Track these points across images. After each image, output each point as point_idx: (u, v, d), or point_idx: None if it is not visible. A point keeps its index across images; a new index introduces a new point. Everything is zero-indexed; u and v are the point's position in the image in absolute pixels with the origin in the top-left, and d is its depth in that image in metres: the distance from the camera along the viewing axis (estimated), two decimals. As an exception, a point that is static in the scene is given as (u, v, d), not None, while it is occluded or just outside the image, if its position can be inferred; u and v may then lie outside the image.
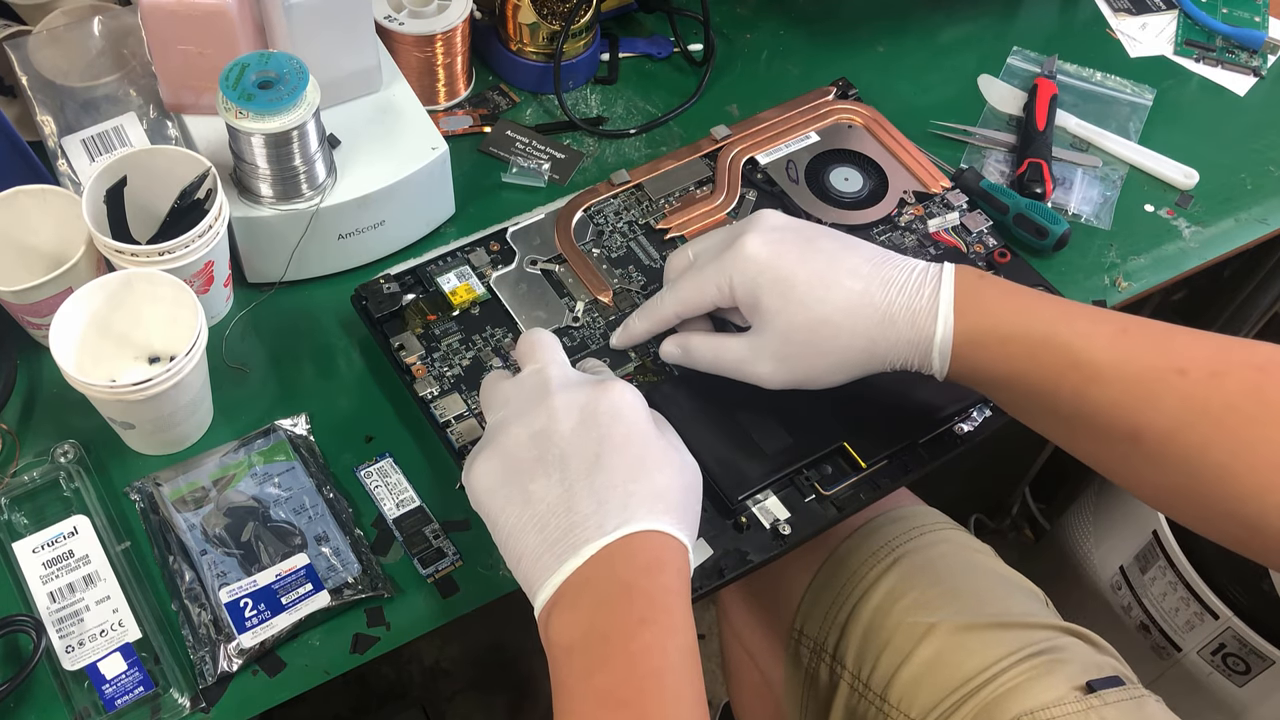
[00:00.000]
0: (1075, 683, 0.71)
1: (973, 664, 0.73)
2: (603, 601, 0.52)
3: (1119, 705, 0.70)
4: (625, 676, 0.51)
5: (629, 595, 0.52)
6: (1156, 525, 1.10)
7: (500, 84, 0.92)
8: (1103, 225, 0.86)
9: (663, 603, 0.52)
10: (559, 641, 0.52)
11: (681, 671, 0.52)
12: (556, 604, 0.53)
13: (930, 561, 0.79)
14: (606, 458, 0.55)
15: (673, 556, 0.54)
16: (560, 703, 0.52)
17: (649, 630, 0.51)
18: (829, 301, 0.61)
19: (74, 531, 0.66)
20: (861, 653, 0.77)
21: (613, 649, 0.51)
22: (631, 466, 0.55)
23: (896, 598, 0.77)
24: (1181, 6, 1.01)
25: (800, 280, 0.62)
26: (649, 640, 0.51)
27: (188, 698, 0.61)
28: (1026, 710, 0.69)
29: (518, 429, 0.56)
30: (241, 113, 0.68)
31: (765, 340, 0.64)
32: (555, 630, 0.52)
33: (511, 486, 0.55)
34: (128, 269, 0.67)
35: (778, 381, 0.65)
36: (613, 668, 0.51)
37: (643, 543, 0.53)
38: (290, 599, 0.64)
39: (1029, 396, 0.60)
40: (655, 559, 0.53)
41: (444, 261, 0.77)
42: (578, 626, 0.52)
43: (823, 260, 0.62)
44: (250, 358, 0.75)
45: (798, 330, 0.62)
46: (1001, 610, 0.77)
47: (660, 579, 0.53)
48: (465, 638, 1.45)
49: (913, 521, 0.82)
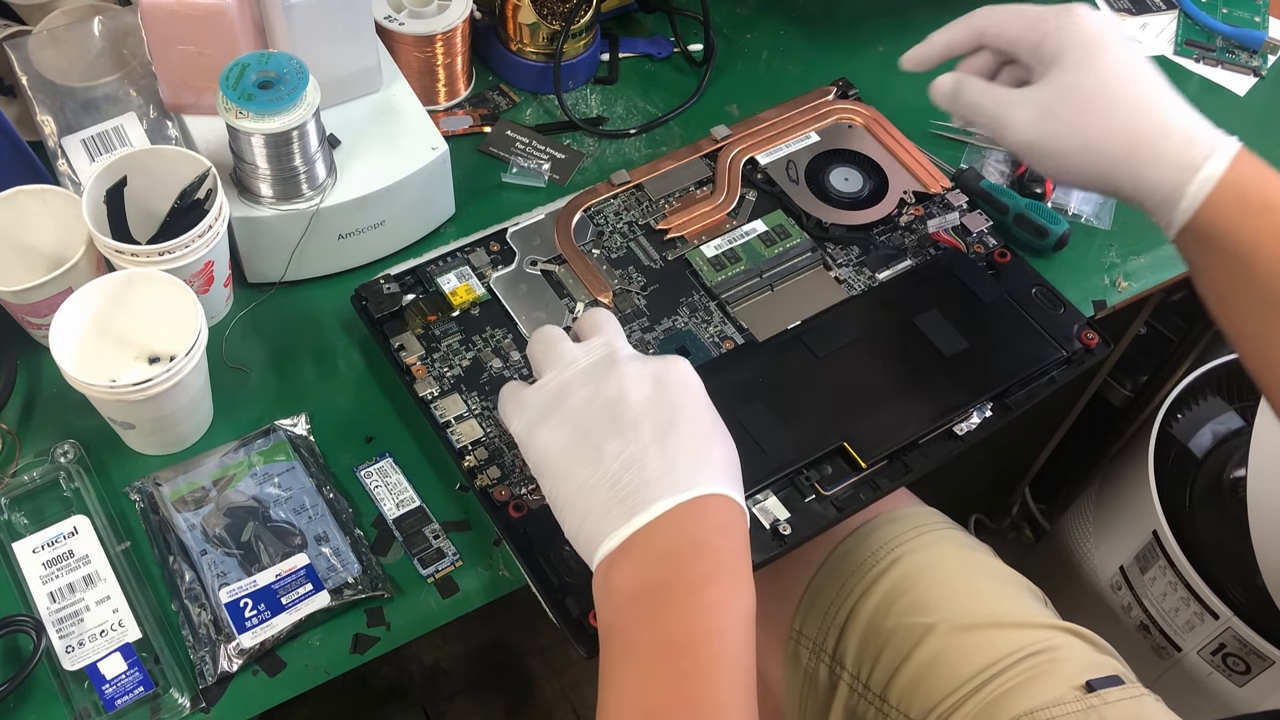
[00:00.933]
0: (1075, 682, 0.71)
1: (972, 664, 0.73)
2: (671, 555, 0.52)
3: (1119, 705, 0.70)
4: (688, 627, 0.51)
5: (697, 552, 0.52)
6: (1156, 525, 1.10)
7: (500, 84, 0.92)
8: (1103, 225, 0.86)
9: (730, 564, 0.53)
10: (623, 589, 0.52)
11: (741, 633, 0.52)
12: (623, 554, 0.53)
13: (929, 562, 0.79)
14: (680, 424, 0.55)
15: (738, 522, 0.55)
16: (615, 646, 0.52)
17: (715, 588, 0.52)
18: (1127, 84, 0.61)
19: (74, 531, 0.66)
20: (861, 653, 0.77)
21: (677, 599, 0.51)
22: (702, 435, 0.56)
23: (895, 598, 0.77)
24: (1181, 6, 1.01)
25: (1111, 56, 0.62)
26: (715, 597, 0.52)
27: (188, 698, 0.61)
28: (1027, 710, 0.69)
29: (588, 391, 0.57)
30: (241, 113, 0.68)
31: (1041, 90, 0.63)
32: (620, 578, 0.53)
33: (585, 445, 0.55)
34: (128, 269, 0.67)
35: (1025, 135, 0.64)
36: (677, 617, 0.51)
37: (713, 505, 0.54)
38: (290, 599, 0.64)
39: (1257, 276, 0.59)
40: (724, 521, 0.54)
41: (444, 262, 0.77)
42: (644, 576, 0.52)
43: (1139, 58, 0.63)
44: (250, 358, 0.75)
45: (1080, 92, 0.62)
46: (1001, 610, 0.76)
47: (728, 540, 0.54)
48: (465, 638, 1.45)
49: (912, 521, 0.82)
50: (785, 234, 0.79)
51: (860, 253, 0.79)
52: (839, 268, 0.79)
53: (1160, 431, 1.14)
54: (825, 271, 0.78)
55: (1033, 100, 0.63)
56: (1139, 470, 1.13)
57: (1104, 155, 0.62)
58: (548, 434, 0.57)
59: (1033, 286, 0.77)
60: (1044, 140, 0.63)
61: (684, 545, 0.52)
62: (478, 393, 0.71)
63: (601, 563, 0.54)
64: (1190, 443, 1.14)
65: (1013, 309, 0.75)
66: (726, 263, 0.78)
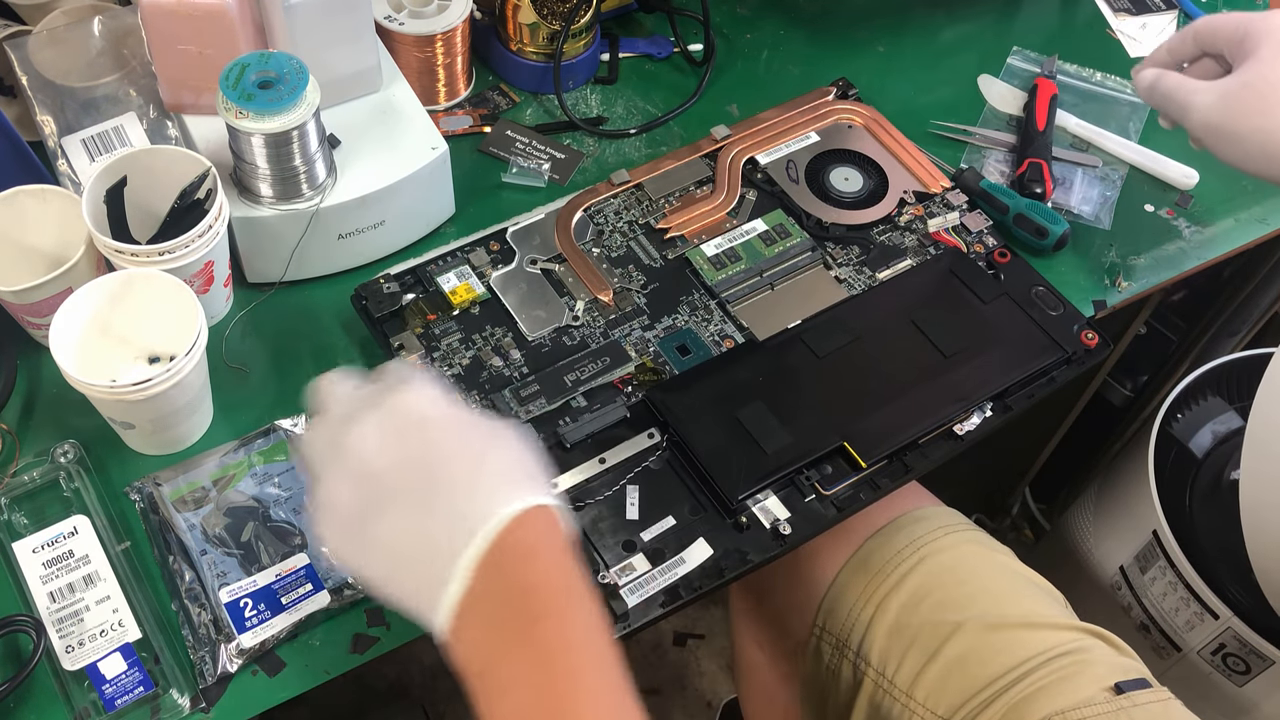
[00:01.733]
0: (1104, 684, 0.71)
1: (1001, 663, 0.73)
2: (493, 614, 0.49)
3: (1147, 708, 0.70)
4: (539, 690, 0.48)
5: (518, 600, 0.49)
6: (1156, 525, 1.10)
7: (500, 84, 0.92)
8: (1103, 225, 0.86)
9: (549, 585, 0.50)
10: (466, 668, 0.50)
11: (593, 653, 0.49)
12: (453, 632, 0.50)
13: (956, 562, 0.80)
14: (439, 470, 0.51)
15: (542, 530, 0.51)
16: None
17: (547, 626, 0.49)
18: None
19: (74, 531, 0.66)
20: (887, 650, 0.77)
21: (516, 660, 0.49)
22: (469, 461, 0.51)
23: (922, 596, 0.77)
24: (1181, 6, 1.01)
25: None
26: (549, 635, 0.49)
27: (188, 698, 0.61)
28: (1057, 710, 0.70)
29: (336, 486, 0.52)
30: (241, 113, 0.68)
31: (1228, 80, 0.70)
32: (461, 658, 0.50)
33: (361, 540, 0.51)
34: (128, 269, 0.67)
35: (1204, 117, 0.70)
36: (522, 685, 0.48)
37: (511, 535, 0.50)
38: (290, 599, 0.64)
39: None
40: (527, 547, 0.50)
41: (444, 261, 0.77)
42: (478, 646, 0.49)
43: None
44: (250, 358, 0.75)
45: (1263, 81, 0.68)
46: (1027, 611, 0.77)
47: (539, 563, 0.50)
48: (465, 638, 1.45)
49: (936, 521, 0.82)
50: (785, 233, 0.79)
51: (860, 252, 0.79)
52: (839, 267, 0.79)
53: (1160, 431, 1.14)
54: (825, 271, 0.78)
55: (1217, 88, 0.70)
56: (1139, 470, 1.13)
57: (1273, 140, 0.68)
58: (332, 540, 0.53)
59: (1033, 286, 0.77)
60: (1222, 124, 0.69)
61: (501, 596, 0.49)
62: (478, 391, 0.71)
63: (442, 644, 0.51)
64: (1190, 443, 1.14)
65: (1013, 309, 0.75)
66: (727, 262, 0.78)
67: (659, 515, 0.66)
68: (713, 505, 0.66)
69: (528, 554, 0.50)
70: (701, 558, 0.65)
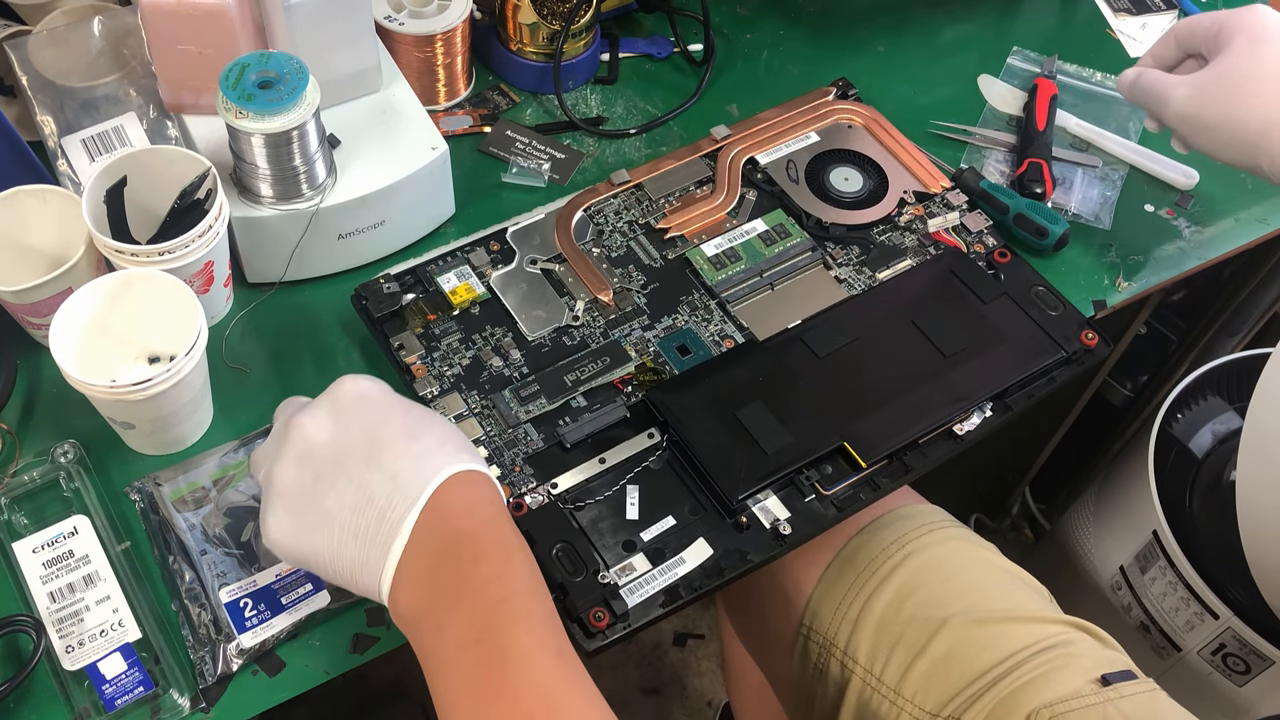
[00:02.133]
0: (1090, 676, 0.71)
1: (988, 658, 0.73)
2: (433, 563, 0.52)
3: (1134, 699, 0.70)
4: (473, 615, 0.51)
5: (454, 546, 0.52)
6: (1156, 525, 1.10)
7: (500, 84, 0.92)
8: (1103, 225, 0.86)
9: (486, 536, 0.53)
10: (407, 615, 0.53)
11: (525, 591, 0.52)
12: (395, 588, 0.53)
13: (941, 558, 0.80)
14: (379, 438, 0.55)
15: (480, 490, 0.55)
16: (428, 671, 0.52)
17: (483, 566, 0.52)
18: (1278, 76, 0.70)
19: (74, 531, 0.66)
20: (874, 648, 0.77)
21: (454, 597, 0.51)
22: (405, 431, 0.55)
23: (908, 593, 0.78)
24: (1182, 6, 1.01)
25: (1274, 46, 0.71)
26: (485, 575, 0.52)
27: (188, 698, 0.61)
28: (1044, 704, 0.70)
29: (281, 469, 0.56)
30: (241, 113, 0.68)
31: (1203, 73, 0.73)
32: (402, 608, 0.53)
33: (306, 517, 0.55)
34: (128, 269, 0.67)
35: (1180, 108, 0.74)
36: (459, 613, 0.51)
37: (449, 493, 0.54)
38: (290, 599, 0.64)
39: None
40: (464, 503, 0.54)
41: (444, 261, 0.77)
42: (419, 594, 0.52)
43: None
44: (250, 358, 0.75)
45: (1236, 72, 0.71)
46: (1013, 605, 0.77)
47: (476, 515, 0.54)
48: (465, 638, 1.45)
49: (921, 519, 0.82)
50: (785, 233, 0.80)
51: (860, 252, 0.79)
52: (839, 267, 0.79)
53: (1160, 431, 1.14)
54: (825, 271, 0.78)
55: (1192, 80, 0.73)
56: (1139, 470, 1.13)
57: (1246, 129, 0.71)
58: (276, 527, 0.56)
59: (1033, 286, 0.77)
60: (1195, 114, 0.73)
61: (440, 548, 0.52)
62: (477, 391, 0.71)
63: (390, 607, 0.54)
64: (1190, 443, 1.14)
65: (1013, 309, 0.75)
66: (727, 262, 0.78)
67: (659, 515, 0.66)
68: (713, 505, 0.66)
69: (463, 511, 0.54)
70: (701, 558, 0.65)
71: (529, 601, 0.52)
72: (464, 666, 0.50)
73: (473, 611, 0.51)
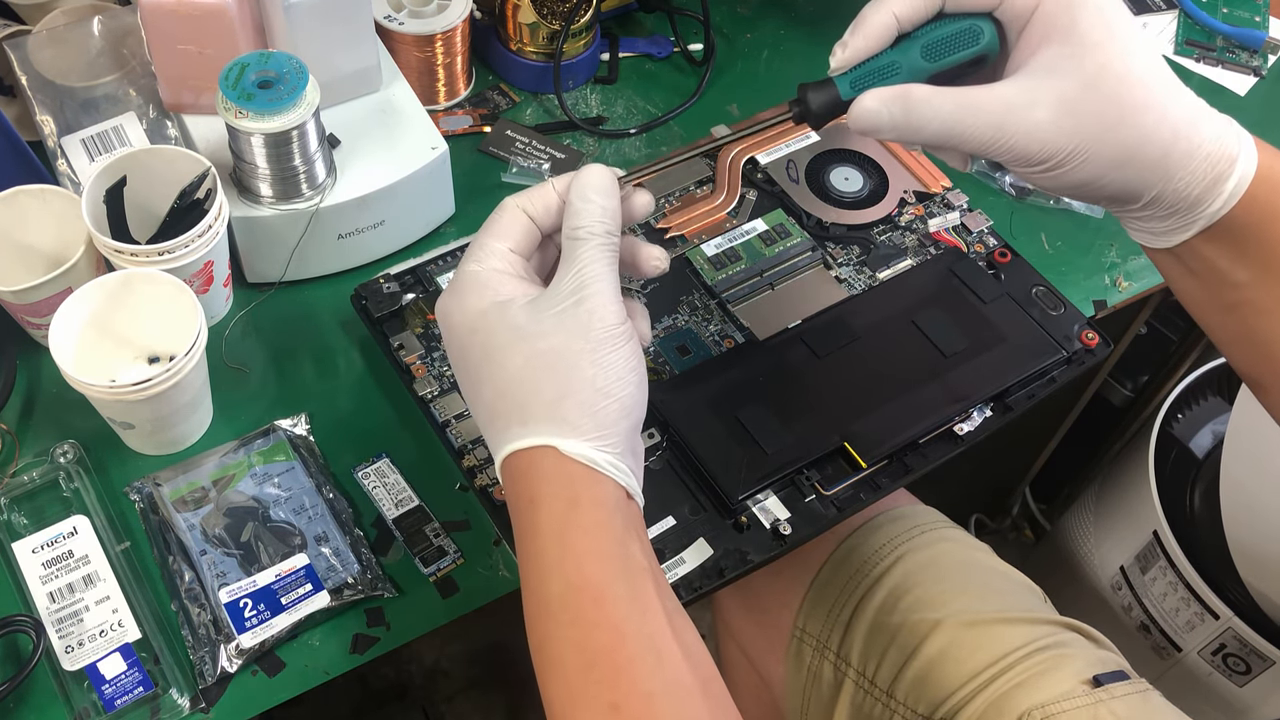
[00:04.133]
0: (1082, 677, 0.71)
1: (980, 659, 0.73)
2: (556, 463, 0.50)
3: (1126, 699, 0.70)
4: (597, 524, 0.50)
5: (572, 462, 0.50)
6: (1157, 525, 1.10)
7: (500, 84, 0.92)
8: (1095, 215, 0.86)
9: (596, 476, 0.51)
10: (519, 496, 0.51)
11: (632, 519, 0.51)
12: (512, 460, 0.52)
13: (933, 559, 0.80)
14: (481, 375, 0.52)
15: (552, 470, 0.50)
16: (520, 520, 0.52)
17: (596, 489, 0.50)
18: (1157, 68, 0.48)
19: (74, 531, 0.66)
20: (867, 650, 0.77)
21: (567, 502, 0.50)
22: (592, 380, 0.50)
23: (900, 595, 0.78)
24: (1182, 6, 1.01)
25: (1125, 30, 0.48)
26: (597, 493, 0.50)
27: (187, 698, 0.61)
28: (1037, 704, 0.70)
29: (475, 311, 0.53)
30: (241, 113, 0.68)
31: (1056, 82, 0.48)
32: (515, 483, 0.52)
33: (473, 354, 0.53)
34: (128, 269, 0.67)
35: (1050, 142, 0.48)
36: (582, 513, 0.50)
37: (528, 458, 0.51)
38: (290, 599, 0.64)
39: None
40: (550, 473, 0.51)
41: (444, 261, 0.77)
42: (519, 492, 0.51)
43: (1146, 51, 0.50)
44: (250, 358, 0.75)
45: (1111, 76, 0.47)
46: (1005, 606, 0.77)
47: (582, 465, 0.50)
48: (465, 638, 1.45)
49: (913, 520, 0.82)
50: (785, 233, 0.79)
51: (860, 252, 0.79)
52: (839, 267, 0.79)
53: (1160, 431, 1.14)
54: (825, 271, 0.78)
55: (1049, 95, 0.48)
56: (1139, 470, 1.13)
57: (1143, 156, 0.49)
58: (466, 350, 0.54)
59: (1033, 286, 0.77)
60: (1072, 149, 0.49)
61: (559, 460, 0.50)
62: (478, 392, 0.71)
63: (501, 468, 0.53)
64: (1190, 443, 1.14)
65: (1013, 309, 0.75)
66: (727, 261, 0.78)
67: (659, 515, 0.66)
68: (713, 505, 0.66)
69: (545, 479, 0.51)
70: (701, 558, 0.65)
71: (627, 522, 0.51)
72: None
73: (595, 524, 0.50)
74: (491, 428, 0.52)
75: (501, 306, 0.52)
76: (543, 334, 0.50)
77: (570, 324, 0.50)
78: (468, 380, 0.54)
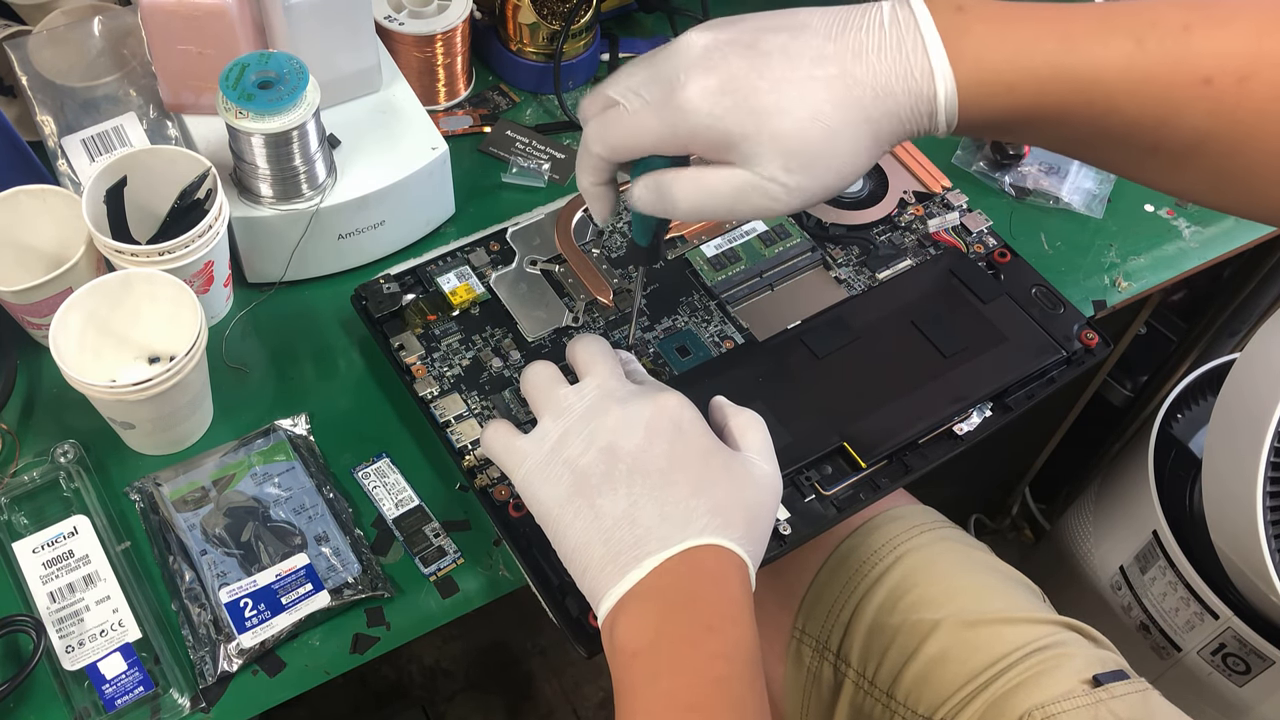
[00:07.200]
0: (1082, 676, 0.71)
1: (980, 659, 0.73)
2: (670, 610, 0.52)
3: (1126, 699, 0.70)
4: (692, 681, 0.51)
5: (695, 604, 0.53)
6: (1156, 525, 1.10)
7: (500, 84, 0.92)
8: (1094, 215, 0.86)
9: (728, 613, 0.53)
10: (625, 647, 0.53)
11: (747, 680, 0.52)
12: (622, 612, 0.53)
13: (932, 559, 0.80)
14: (671, 473, 0.55)
15: (734, 570, 0.54)
16: (624, 706, 0.52)
17: (715, 638, 0.52)
18: (810, 100, 0.52)
19: (74, 531, 0.66)
20: (866, 650, 0.77)
21: (680, 655, 0.52)
22: (694, 481, 0.55)
23: (900, 595, 0.78)
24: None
25: (765, 92, 0.52)
26: (715, 648, 0.52)
27: (188, 698, 0.62)
28: (1037, 704, 0.70)
29: (582, 441, 0.57)
30: (241, 113, 0.68)
31: (763, 165, 0.53)
32: (621, 636, 0.53)
33: (580, 500, 0.55)
34: (128, 269, 0.67)
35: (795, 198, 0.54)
36: (680, 672, 0.51)
37: (705, 555, 0.54)
38: (290, 599, 0.64)
39: (1042, 131, 0.54)
40: (719, 570, 0.54)
41: (444, 261, 0.77)
42: (644, 633, 0.52)
43: (779, 61, 0.52)
44: (250, 358, 0.75)
45: (791, 139, 0.52)
46: (1005, 606, 0.77)
47: (725, 589, 0.54)
48: (465, 638, 1.45)
49: (912, 520, 0.82)
50: (785, 234, 0.80)
51: (860, 253, 0.79)
52: (839, 268, 0.79)
53: (1160, 431, 1.14)
54: (825, 271, 0.78)
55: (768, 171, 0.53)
56: (1139, 470, 1.13)
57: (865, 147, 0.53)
58: (548, 487, 0.56)
59: (1033, 286, 0.77)
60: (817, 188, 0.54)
61: (680, 599, 0.53)
62: (477, 392, 0.71)
63: (605, 621, 0.54)
64: (1190, 443, 1.14)
65: (1012, 309, 0.75)
66: (726, 262, 0.78)
67: (659, 515, 0.66)
68: (713, 505, 0.66)
69: (714, 577, 0.54)
70: (701, 558, 0.64)
71: (745, 691, 0.52)
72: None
73: (693, 677, 0.51)
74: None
75: None
76: None
77: None
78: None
